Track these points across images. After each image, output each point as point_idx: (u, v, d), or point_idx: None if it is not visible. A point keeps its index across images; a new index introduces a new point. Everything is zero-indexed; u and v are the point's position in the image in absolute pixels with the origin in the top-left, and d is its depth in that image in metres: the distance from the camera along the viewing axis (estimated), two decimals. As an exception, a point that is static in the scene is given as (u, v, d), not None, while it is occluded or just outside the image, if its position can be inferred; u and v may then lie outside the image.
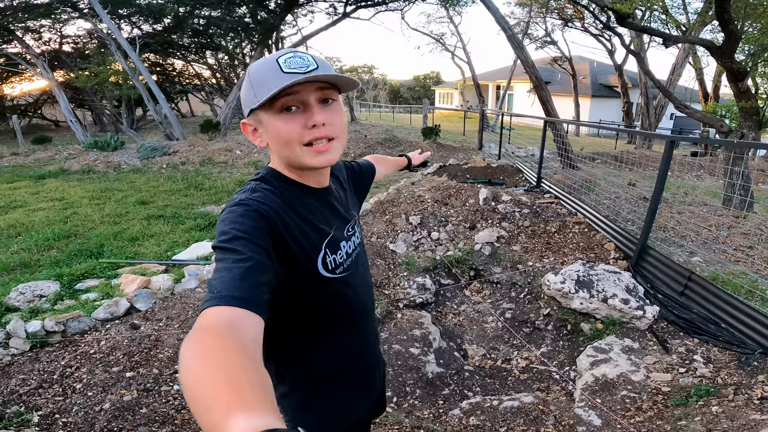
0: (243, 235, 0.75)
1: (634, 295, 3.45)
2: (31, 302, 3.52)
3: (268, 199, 0.85)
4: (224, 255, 0.74)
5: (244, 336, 0.61)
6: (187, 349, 0.56)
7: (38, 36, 16.88)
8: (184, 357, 0.55)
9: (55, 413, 2.28)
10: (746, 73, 5.75)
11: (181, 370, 0.54)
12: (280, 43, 19.52)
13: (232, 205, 0.82)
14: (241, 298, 0.66)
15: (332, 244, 0.96)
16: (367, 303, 1.10)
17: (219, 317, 0.63)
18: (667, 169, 3.67)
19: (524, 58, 9.27)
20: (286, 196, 0.90)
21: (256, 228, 0.78)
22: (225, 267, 0.71)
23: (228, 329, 0.60)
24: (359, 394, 1.13)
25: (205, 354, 0.54)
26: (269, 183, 0.91)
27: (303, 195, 0.95)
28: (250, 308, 0.66)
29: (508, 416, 2.54)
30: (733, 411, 2.27)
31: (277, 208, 0.84)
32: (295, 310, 0.93)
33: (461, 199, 5.70)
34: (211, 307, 0.65)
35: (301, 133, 0.86)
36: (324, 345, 1.01)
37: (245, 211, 0.80)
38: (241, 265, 0.71)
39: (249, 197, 0.84)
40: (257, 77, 0.85)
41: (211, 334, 0.59)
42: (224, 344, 0.56)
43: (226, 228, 0.77)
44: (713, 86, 15.39)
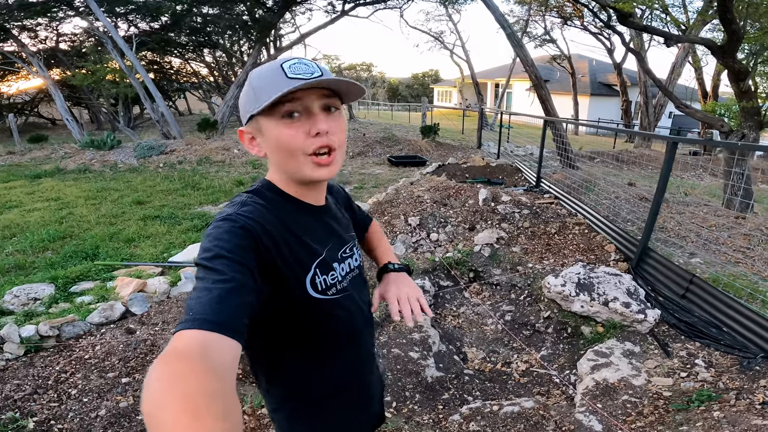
0: (226, 254, 0.72)
1: (635, 298, 3.42)
2: (25, 305, 3.48)
3: (258, 214, 0.81)
4: (205, 274, 0.71)
5: (215, 360, 0.58)
6: (152, 372, 0.54)
7: (34, 34, 16.76)
8: (148, 380, 0.53)
9: (51, 419, 2.25)
10: (748, 72, 5.73)
11: (143, 393, 0.52)
12: (278, 41, 19.44)
13: (219, 220, 0.79)
14: (216, 322, 0.63)
15: (323, 264, 0.91)
16: (361, 325, 1.05)
17: (191, 341, 0.60)
18: (669, 170, 3.64)
19: (524, 56, 9.23)
20: (278, 211, 0.86)
21: (240, 246, 0.74)
22: (204, 287, 0.68)
23: (199, 354, 0.58)
24: (353, 413, 1.09)
25: (170, 378, 0.52)
26: (262, 196, 0.88)
27: (297, 211, 0.91)
28: (225, 332, 0.63)
29: (509, 421, 2.51)
30: (735, 416, 2.25)
31: (265, 224, 0.80)
32: (283, 328, 0.89)
33: (460, 200, 5.67)
34: (184, 330, 0.62)
35: (304, 142, 0.82)
36: (314, 363, 0.97)
37: (231, 227, 0.76)
38: (220, 286, 0.68)
39: (237, 212, 0.80)
40: (259, 82, 0.82)
41: (180, 357, 0.56)
42: (192, 369, 0.54)
43: (210, 245, 0.74)
44: (712, 85, 15.40)
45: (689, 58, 15.37)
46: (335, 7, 16.22)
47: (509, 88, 26.69)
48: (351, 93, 0.88)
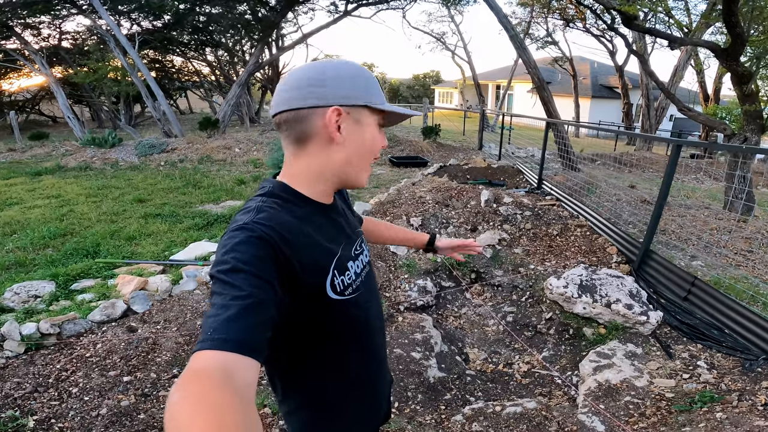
0: (243, 267, 0.69)
1: (637, 300, 3.41)
2: (25, 303, 3.47)
3: (275, 220, 0.78)
4: (222, 289, 0.68)
5: (236, 381, 0.58)
6: (174, 393, 0.54)
7: (37, 32, 16.76)
8: (171, 401, 0.53)
9: (51, 418, 2.23)
10: (751, 75, 5.73)
11: (167, 414, 0.52)
12: (281, 40, 19.44)
13: (234, 230, 0.76)
14: (236, 342, 0.62)
15: (340, 264, 0.90)
16: (377, 323, 1.05)
17: (211, 361, 0.60)
18: (672, 173, 3.63)
19: (526, 58, 9.24)
20: (295, 213, 0.84)
21: (258, 257, 0.72)
22: (222, 304, 0.66)
23: (219, 374, 0.57)
24: (367, 414, 1.09)
25: (192, 398, 0.52)
26: (277, 198, 0.85)
27: (311, 213, 0.89)
28: (245, 352, 0.62)
29: (511, 422, 2.50)
30: (738, 417, 2.25)
31: (282, 230, 0.77)
32: (302, 333, 0.88)
33: (462, 201, 5.67)
34: (203, 350, 0.61)
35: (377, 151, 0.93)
36: (332, 366, 0.96)
37: (248, 237, 0.73)
38: (239, 303, 0.66)
39: (253, 220, 0.77)
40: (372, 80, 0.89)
41: (201, 378, 0.56)
42: (214, 389, 0.54)
43: (226, 257, 0.71)
44: (714, 88, 15.40)
45: (692, 60, 15.39)
46: (338, 7, 16.24)
47: (510, 89, 26.73)
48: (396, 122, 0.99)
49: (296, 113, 0.84)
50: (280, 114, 0.86)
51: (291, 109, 0.84)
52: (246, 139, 12.54)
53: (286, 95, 0.85)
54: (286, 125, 0.86)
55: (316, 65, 0.86)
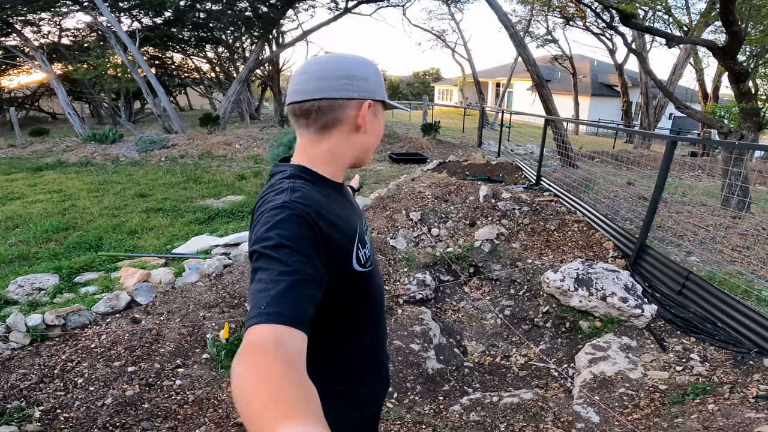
0: (287, 243, 0.74)
1: (632, 294, 3.47)
2: (30, 295, 3.51)
3: (309, 198, 0.84)
4: (268, 264, 0.72)
5: (291, 353, 0.62)
6: (237, 365, 0.58)
7: (37, 29, 16.76)
8: (235, 374, 0.57)
9: (57, 408, 2.27)
10: (748, 74, 5.77)
11: (233, 385, 0.57)
12: (281, 37, 19.42)
13: (274, 207, 0.80)
14: (287, 316, 0.66)
15: (361, 238, 0.97)
16: (383, 292, 1.15)
17: (267, 334, 0.64)
18: (667, 169, 3.68)
19: (526, 56, 9.26)
20: (322, 192, 0.90)
21: (299, 234, 0.76)
22: (270, 279, 0.70)
23: (275, 346, 0.62)
24: (377, 387, 1.16)
25: (255, 369, 0.57)
26: (304, 180, 0.91)
27: (332, 192, 0.96)
28: (296, 326, 0.66)
29: (508, 412, 2.56)
30: (729, 409, 2.30)
31: (317, 207, 0.84)
32: (329, 308, 0.92)
33: (461, 196, 5.71)
34: (258, 324, 0.65)
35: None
36: (353, 335, 1.02)
37: (289, 215, 0.78)
38: (287, 278, 0.70)
39: (291, 199, 0.82)
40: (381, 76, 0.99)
41: (260, 350, 0.60)
42: (273, 360, 0.58)
43: (269, 233, 0.75)
44: (713, 87, 15.44)
45: (691, 59, 15.41)
46: (338, 5, 16.21)
47: (510, 87, 26.71)
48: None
49: (331, 102, 0.90)
50: (310, 101, 0.90)
51: (326, 98, 0.90)
52: (246, 135, 12.56)
53: (317, 84, 0.90)
54: (317, 113, 0.91)
55: (338, 59, 0.94)
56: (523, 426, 2.42)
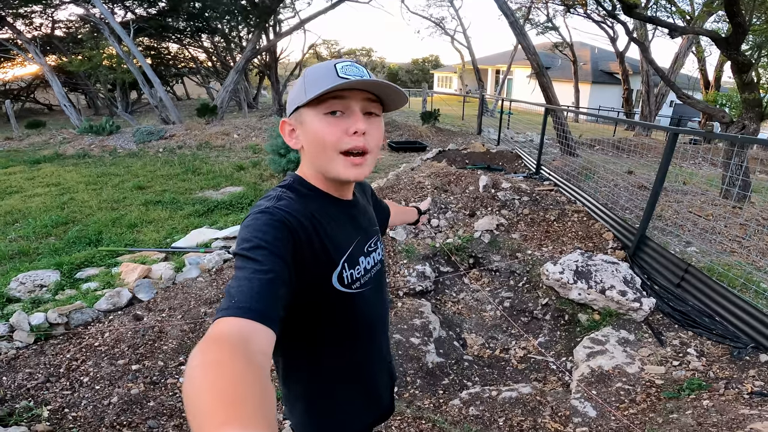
0: (265, 245, 0.75)
1: (631, 287, 3.49)
2: (31, 292, 3.53)
3: (293, 208, 0.85)
4: (245, 264, 0.74)
5: (255, 349, 0.61)
6: (193, 358, 0.56)
7: (29, 21, 16.59)
8: (190, 366, 0.55)
9: (65, 407, 2.29)
10: (751, 64, 5.73)
11: (185, 378, 0.54)
12: (278, 26, 19.21)
13: (257, 212, 0.82)
14: (257, 311, 0.67)
15: (351, 259, 0.95)
16: (379, 319, 1.10)
17: (232, 328, 0.63)
18: (669, 161, 3.68)
19: (526, 44, 9.18)
20: (310, 206, 0.90)
21: (278, 238, 0.78)
22: (245, 276, 0.71)
23: (238, 341, 0.60)
24: (362, 407, 1.12)
25: (211, 364, 0.54)
26: (294, 191, 0.91)
27: (327, 206, 0.94)
28: (265, 322, 0.66)
29: (507, 406, 2.59)
30: (724, 405, 2.32)
31: (301, 218, 0.84)
32: (305, 321, 0.93)
33: (461, 186, 5.71)
34: (225, 317, 0.65)
35: (340, 138, 0.86)
36: (332, 356, 1.01)
37: (270, 219, 0.80)
38: (261, 276, 0.71)
39: (274, 205, 0.83)
40: (311, 77, 0.87)
41: (221, 344, 0.58)
42: (232, 356, 0.56)
43: (249, 235, 0.77)
44: (715, 76, 15.36)
45: (693, 48, 15.29)
46: (335, -8, 16.01)
47: (510, 74, 26.53)
48: (393, 100, 0.92)
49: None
50: None
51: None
52: (244, 125, 12.50)
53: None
54: None
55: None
56: (521, 420, 2.45)
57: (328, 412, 1.06)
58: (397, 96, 0.91)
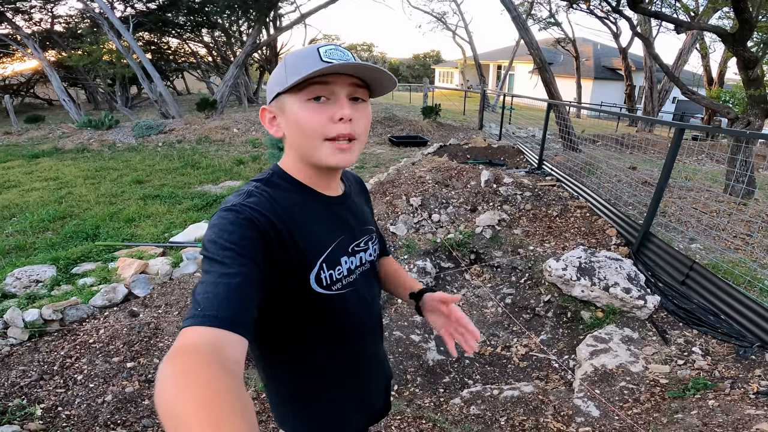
0: (231, 246, 0.71)
1: (635, 284, 3.43)
2: (27, 288, 3.48)
3: (263, 205, 0.80)
4: (210, 267, 0.70)
5: (226, 357, 0.59)
6: (163, 369, 0.54)
7: (29, 17, 16.55)
8: (161, 376, 0.53)
9: (58, 406, 2.25)
10: (757, 61, 5.67)
11: (157, 390, 0.52)
12: (278, 20, 19.10)
13: (223, 210, 0.77)
14: (224, 319, 0.63)
15: (330, 259, 0.89)
16: (364, 321, 1.03)
17: (201, 337, 0.60)
18: (674, 157, 3.61)
19: (529, 39, 9.09)
20: (287, 201, 0.84)
21: (245, 238, 0.73)
22: (211, 281, 0.68)
23: (209, 350, 0.58)
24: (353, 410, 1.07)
25: (183, 374, 0.52)
26: (271, 185, 0.86)
27: (308, 202, 0.89)
28: (234, 329, 0.63)
29: (508, 405, 2.54)
30: (729, 405, 2.27)
31: (271, 216, 0.79)
32: (286, 322, 0.88)
33: (462, 181, 5.65)
34: (192, 326, 0.62)
35: (325, 126, 0.81)
36: (317, 359, 0.96)
37: (236, 218, 0.75)
38: (227, 281, 0.67)
39: (242, 202, 0.78)
40: (292, 62, 0.82)
41: (190, 354, 0.56)
42: (204, 365, 0.54)
43: (215, 236, 0.73)
44: (719, 72, 15.26)
45: (697, 44, 15.17)
46: (336, -15, 15.87)
47: (512, 70, 26.41)
48: (381, 84, 0.87)
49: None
50: None
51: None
52: (244, 119, 12.43)
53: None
54: None
55: None
56: (523, 420, 2.41)
57: (314, 418, 1.01)
58: (385, 79, 0.85)
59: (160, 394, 0.51)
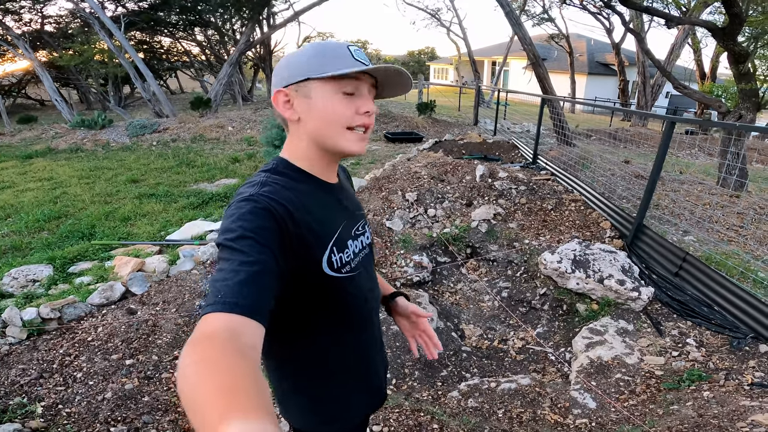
0: (250, 235, 0.73)
1: (629, 276, 3.47)
2: (24, 287, 3.48)
3: (278, 194, 0.82)
4: (230, 255, 0.71)
5: (244, 344, 0.60)
6: (185, 356, 0.56)
7: (18, 17, 16.40)
8: (183, 364, 0.55)
9: (58, 404, 2.25)
10: (748, 55, 5.72)
11: (179, 376, 0.54)
12: (272, 18, 19.01)
13: (240, 200, 0.79)
14: (244, 306, 0.65)
15: (339, 242, 0.93)
16: (370, 304, 1.07)
17: (220, 324, 0.62)
18: (666, 149, 3.65)
19: (522, 35, 9.11)
20: (297, 190, 0.87)
21: (263, 227, 0.75)
22: (230, 269, 0.69)
23: (228, 336, 0.60)
24: (364, 396, 1.11)
25: (204, 361, 0.54)
26: (281, 175, 0.89)
27: (314, 190, 0.92)
28: (253, 316, 0.65)
29: (506, 398, 2.57)
30: (724, 396, 2.30)
31: (286, 203, 0.81)
32: (298, 309, 0.91)
33: (458, 176, 5.68)
34: (212, 313, 0.64)
35: (351, 117, 0.88)
36: (327, 344, 0.98)
37: (254, 207, 0.77)
38: (247, 268, 0.69)
39: (258, 192, 0.80)
40: (329, 53, 0.87)
41: (211, 340, 0.58)
42: (223, 351, 0.56)
43: (233, 225, 0.75)
44: (711, 67, 15.37)
45: (689, 39, 15.26)
46: (329, -18, 15.81)
47: (506, 65, 26.44)
48: (391, 89, 0.97)
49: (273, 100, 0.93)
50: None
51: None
52: (239, 117, 12.39)
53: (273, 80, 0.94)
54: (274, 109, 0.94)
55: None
56: (521, 412, 2.44)
57: (328, 404, 1.03)
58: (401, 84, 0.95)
59: (182, 380, 0.53)
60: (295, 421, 1.06)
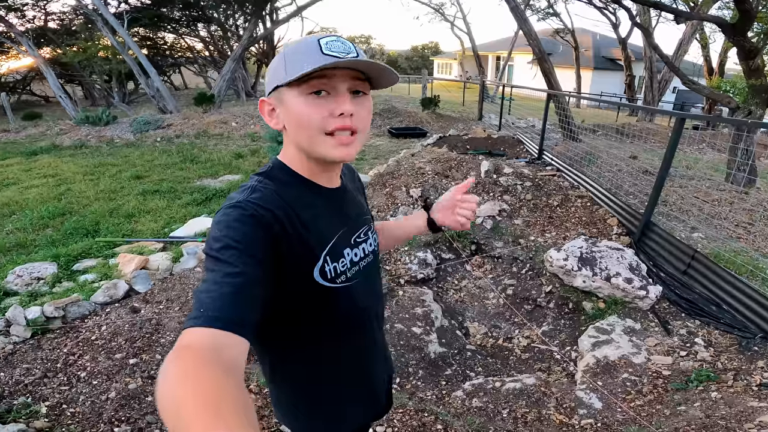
0: (236, 245, 0.70)
1: (637, 274, 3.43)
2: (28, 285, 3.47)
3: (268, 200, 0.79)
4: (214, 266, 0.69)
5: (227, 359, 0.59)
6: (166, 371, 0.54)
7: (22, 14, 16.39)
8: (163, 378, 0.53)
9: (63, 403, 2.25)
10: (758, 51, 5.65)
11: (159, 391, 0.52)
12: (275, 14, 18.95)
13: (228, 207, 0.76)
14: (226, 320, 0.63)
15: (334, 251, 0.89)
16: (369, 314, 1.03)
17: (202, 338, 0.61)
18: (675, 146, 3.60)
19: (527, 30, 9.02)
20: (289, 195, 0.84)
21: (250, 236, 0.73)
22: (214, 280, 0.67)
23: (210, 351, 0.59)
24: (359, 406, 1.08)
25: (186, 375, 0.53)
26: (273, 179, 0.85)
27: (309, 195, 0.88)
28: (236, 330, 0.63)
29: (511, 398, 2.55)
30: (732, 397, 2.27)
31: (275, 210, 0.78)
32: (291, 318, 0.88)
33: (462, 171, 5.64)
34: (194, 327, 0.62)
35: (326, 120, 0.80)
36: (322, 355, 0.95)
37: (241, 215, 0.74)
38: (231, 280, 0.67)
39: (247, 199, 0.77)
40: (292, 54, 0.80)
41: (193, 354, 0.57)
42: (205, 366, 0.55)
43: (219, 234, 0.72)
44: (719, 62, 15.22)
45: (697, 34, 15.09)
46: (333, -23, 15.74)
47: (511, 60, 26.27)
48: (382, 78, 0.86)
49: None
50: None
51: None
52: (243, 113, 12.37)
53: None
54: None
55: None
56: (526, 412, 2.41)
57: (320, 413, 1.01)
58: (386, 74, 0.83)
59: (162, 394, 0.51)
60: (289, 425, 1.05)
